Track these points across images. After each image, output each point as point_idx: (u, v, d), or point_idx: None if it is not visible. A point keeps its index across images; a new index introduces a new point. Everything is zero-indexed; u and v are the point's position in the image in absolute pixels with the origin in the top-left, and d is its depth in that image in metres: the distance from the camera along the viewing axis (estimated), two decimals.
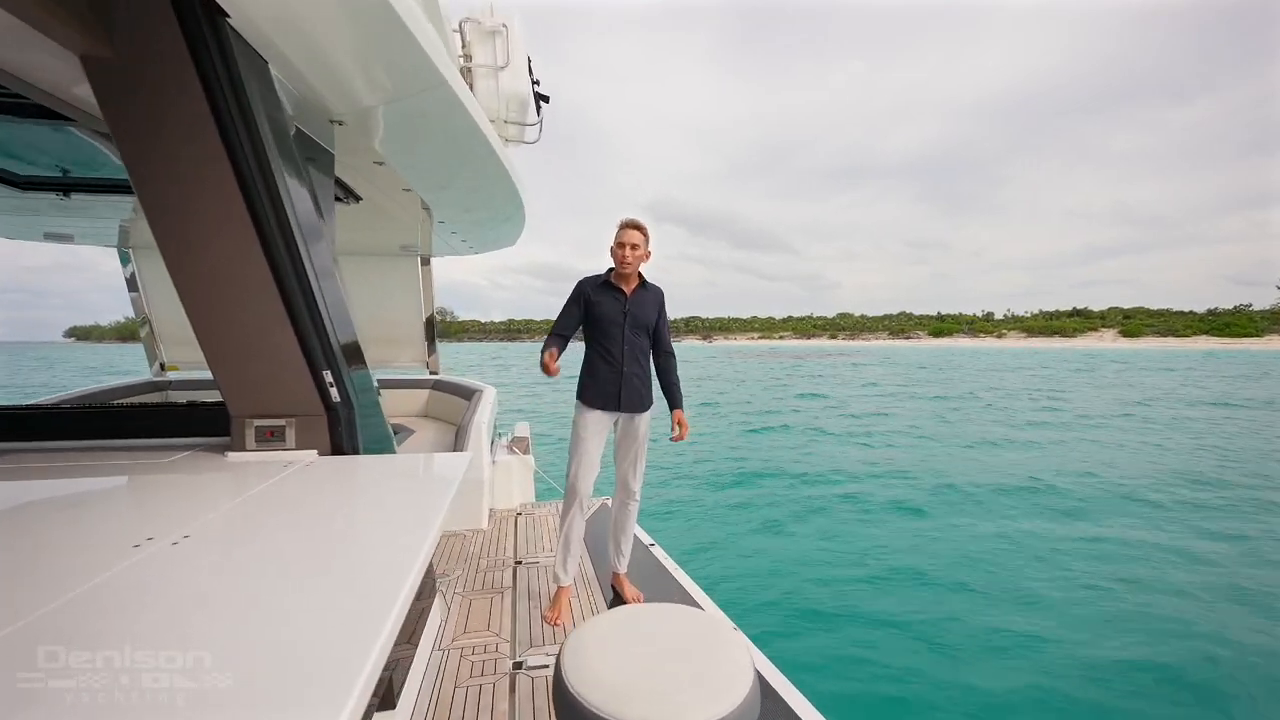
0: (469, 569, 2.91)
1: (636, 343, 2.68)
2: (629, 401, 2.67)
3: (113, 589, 0.84)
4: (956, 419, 18.29)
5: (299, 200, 1.39)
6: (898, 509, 8.27)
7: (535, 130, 3.41)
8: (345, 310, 1.65)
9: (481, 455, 3.56)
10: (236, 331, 1.48)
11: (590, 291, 2.67)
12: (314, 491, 1.34)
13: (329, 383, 1.54)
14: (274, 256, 1.36)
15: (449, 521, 3.45)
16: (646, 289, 2.73)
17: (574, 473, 2.63)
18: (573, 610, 2.56)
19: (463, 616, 2.46)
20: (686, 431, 2.71)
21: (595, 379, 2.64)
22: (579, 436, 2.63)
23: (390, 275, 4.48)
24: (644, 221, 2.64)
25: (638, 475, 2.72)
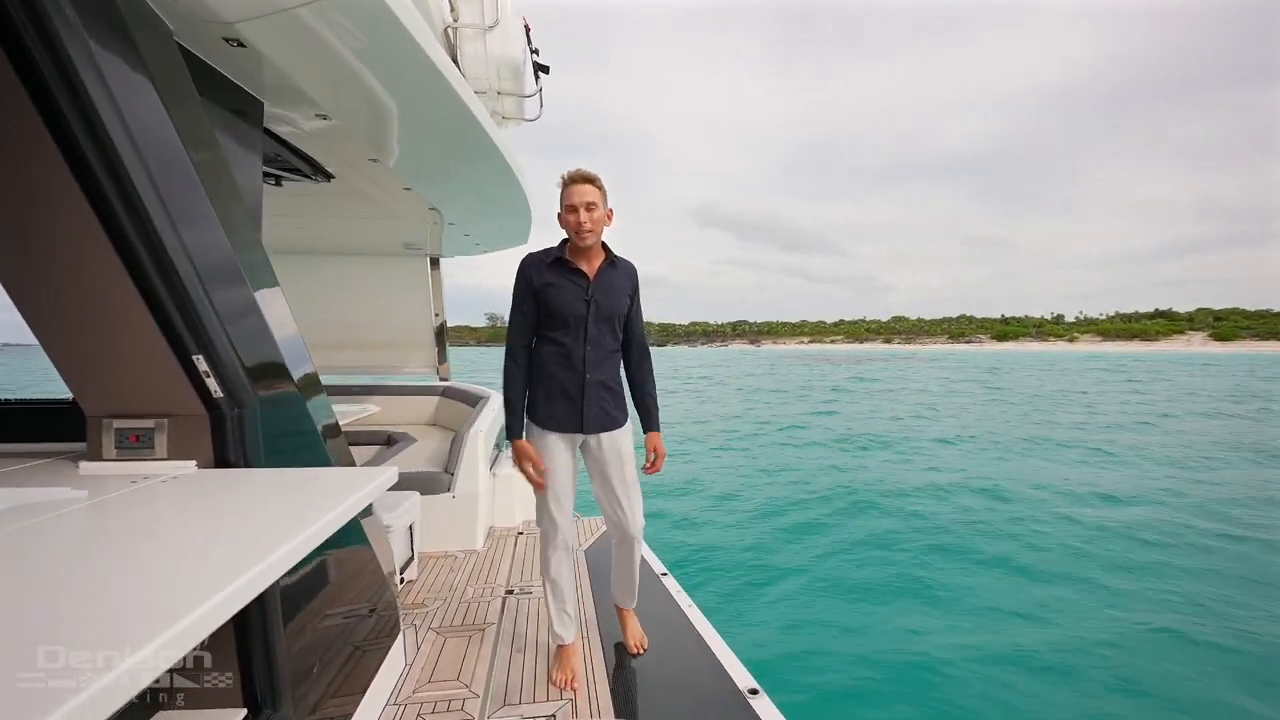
0: (451, 599, 2.57)
1: (603, 340, 2.03)
2: (596, 419, 2.04)
3: None
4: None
5: (146, 135, 1.04)
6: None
7: (535, 104, 3.07)
8: (241, 280, 1.30)
9: (477, 467, 3.24)
10: (70, 304, 1.16)
11: (538, 274, 2.01)
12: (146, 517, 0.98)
13: (204, 371, 1.18)
14: (105, 208, 1.02)
15: (439, 542, 3.14)
16: (615, 266, 2.07)
17: (546, 511, 2.08)
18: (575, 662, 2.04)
19: (431, 660, 2.10)
20: (663, 461, 2.10)
21: (549, 391, 2.01)
22: (545, 470, 2.05)
23: (395, 276, 4.24)
24: (597, 174, 1.95)
25: (633, 511, 2.09)
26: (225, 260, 1.25)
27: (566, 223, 1.98)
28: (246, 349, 1.28)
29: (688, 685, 1.93)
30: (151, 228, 1.06)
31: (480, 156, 2.49)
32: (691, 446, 13.49)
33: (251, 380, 1.29)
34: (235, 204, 1.33)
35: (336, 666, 1.58)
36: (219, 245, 1.23)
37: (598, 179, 1.96)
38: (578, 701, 1.86)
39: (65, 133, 0.95)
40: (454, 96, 1.94)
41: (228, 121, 1.40)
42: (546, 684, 1.96)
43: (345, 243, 3.92)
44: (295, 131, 1.89)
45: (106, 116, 0.96)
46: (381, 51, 1.57)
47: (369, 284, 4.24)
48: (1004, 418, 18.90)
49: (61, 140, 0.96)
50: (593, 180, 1.95)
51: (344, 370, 4.40)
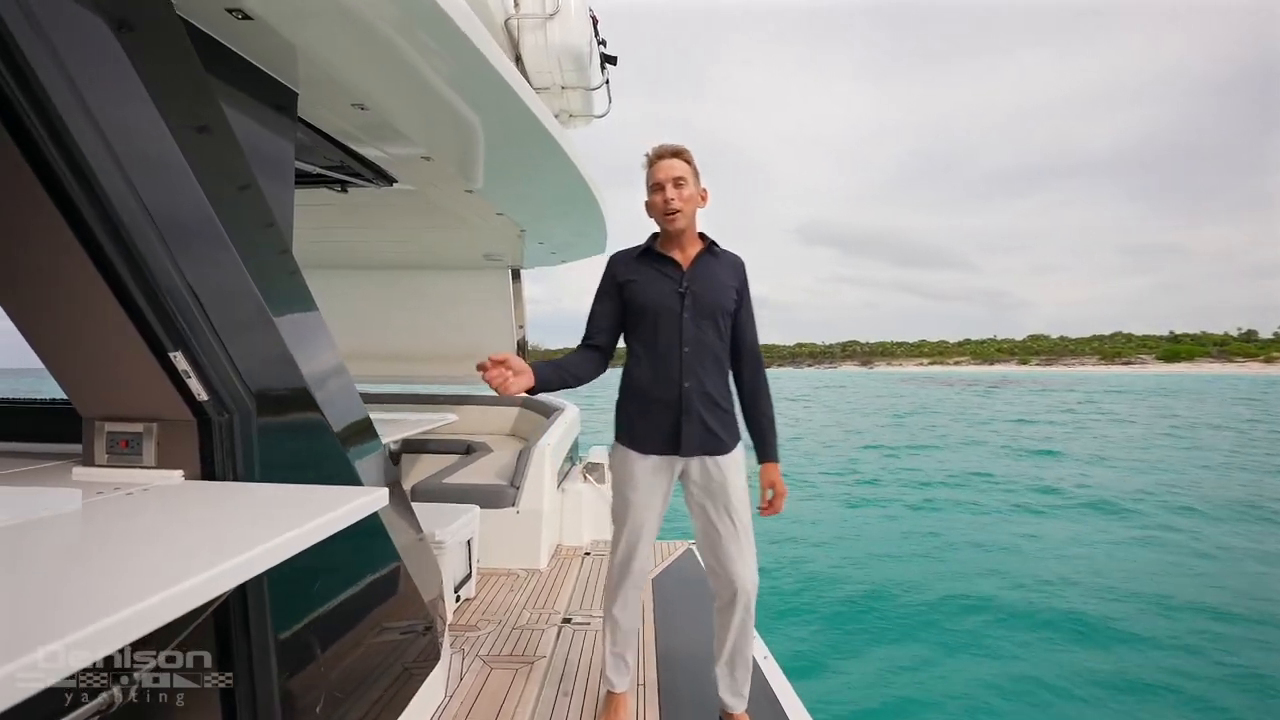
0: (505, 623, 2.39)
1: (704, 340, 1.68)
2: (697, 438, 1.68)
3: None
4: None
5: (114, 122, 0.95)
6: None
7: (603, 99, 2.93)
8: (239, 273, 1.20)
9: (543, 482, 3.09)
10: (49, 300, 1.10)
11: (625, 268, 1.75)
12: (91, 533, 0.86)
13: (183, 370, 1.07)
14: (69, 199, 0.94)
15: (502, 558, 3.00)
16: (716, 255, 1.75)
17: (621, 547, 1.76)
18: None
19: (473, 693, 1.91)
20: (783, 500, 1.72)
21: (640, 405, 1.70)
22: (623, 495, 1.74)
23: (476, 289, 4.32)
24: (686, 147, 1.68)
25: (744, 558, 1.69)
26: (210, 248, 1.14)
27: (653, 205, 1.70)
28: (241, 349, 1.17)
29: None
30: (111, 208, 0.96)
31: (543, 159, 2.37)
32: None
33: (247, 384, 1.17)
34: (237, 193, 1.23)
35: (358, 696, 1.43)
36: (204, 233, 1.13)
37: (686, 151, 1.68)
38: None
39: (20, 126, 0.87)
40: (511, 94, 1.82)
41: (247, 108, 1.34)
42: None
43: (427, 256, 4.05)
44: (345, 129, 1.85)
45: (78, 128, 0.89)
46: (426, 41, 1.46)
47: (452, 296, 4.36)
48: (1193, 462, 14.28)
49: (19, 134, 0.89)
50: (680, 153, 1.68)
51: (427, 381, 4.53)
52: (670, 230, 1.69)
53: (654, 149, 1.70)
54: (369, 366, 4.52)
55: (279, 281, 1.33)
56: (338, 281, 4.40)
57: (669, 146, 1.69)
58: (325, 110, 1.73)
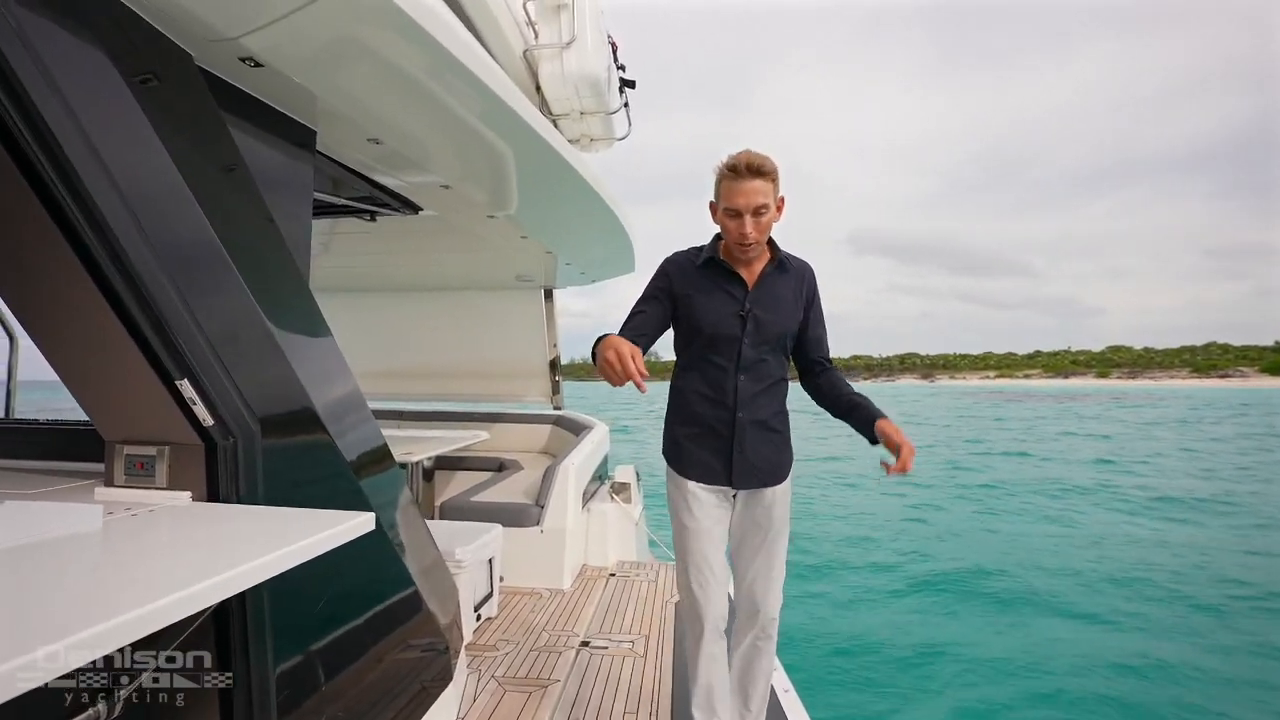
0: (524, 644, 2.39)
1: (764, 368, 1.55)
2: (750, 470, 1.56)
3: None
4: None
5: (121, 162, 1.04)
6: None
7: (622, 122, 2.96)
8: (246, 303, 1.27)
9: (567, 501, 3.09)
10: (68, 328, 1.19)
11: (682, 277, 1.58)
12: (91, 549, 0.92)
13: (189, 398, 1.14)
14: (77, 233, 1.03)
15: (525, 578, 3.01)
16: (784, 270, 1.58)
17: (690, 587, 1.56)
18: None
19: (485, 714, 1.92)
20: (911, 457, 1.45)
21: (689, 430, 1.58)
22: (684, 526, 1.58)
23: (510, 308, 4.43)
24: (769, 158, 1.46)
25: (769, 584, 1.59)
26: (218, 281, 1.21)
27: (726, 229, 1.51)
28: (247, 376, 1.23)
29: None
30: (119, 245, 1.04)
31: (561, 184, 2.43)
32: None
33: (252, 409, 1.23)
34: (247, 225, 1.30)
35: (362, 716, 1.46)
36: (212, 266, 1.20)
37: (771, 167, 1.45)
38: None
39: (33, 170, 0.96)
40: (524, 125, 1.88)
41: (265, 145, 1.43)
42: None
43: (461, 278, 4.20)
44: (365, 162, 1.95)
45: (85, 171, 0.97)
46: (439, 81, 1.53)
47: (486, 315, 4.49)
48: None
49: (32, 178, 0.98)
50: (765, 173, 1.44)
51: (461, 398, 4.66)
52: (741, 259, 1.54)
53: (734, 161, 1.46)
54: (406, 385, 4.69)
55: (290, 310, 1.40)
56: (375, 303, 4.62)
57: (752, 161, 1.44)
58: (345, 146, 1.83)
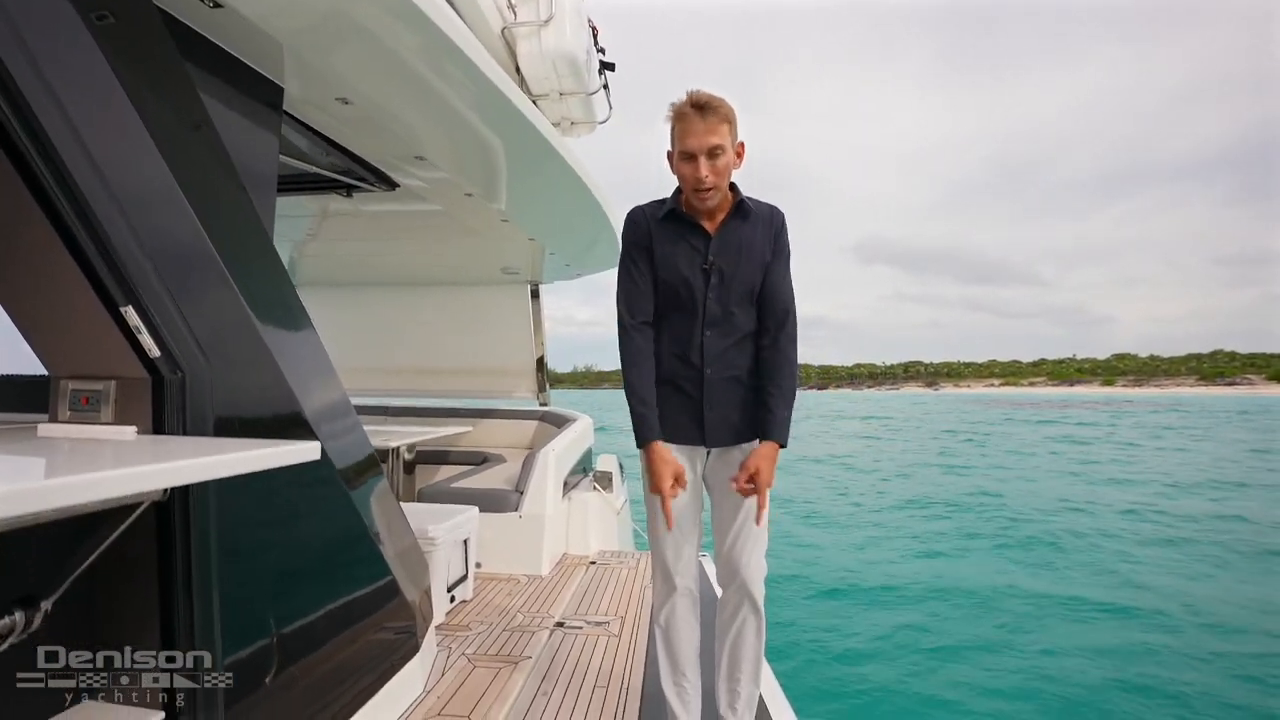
0: (497, 625, 2.36)
1: (729, 322, 1.48)
2: (722, 428, 1.49)
3: None
4: None
5: (74, 94, 1.04)
6: None
7: (603, 105, 2.96)
8: (194, 232, 1.25)
9: (546, 487, 3.07)
10: (10, 260, 1.18)
11: (646, 229, 1.51)
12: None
13: (134, 326, 1.13)
14: (25, 160, 1.02)
15: (503, 564, 2.98)
16: (745, 218, 1.49)
17: (659, 551, 1.54)
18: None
19: (451, 690, 1.89)
20: (765, 491, 1.39)
21: (661, 390, 1.51)
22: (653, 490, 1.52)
23: (496, 305, 4.44)
24: (724, 99, 1.39)
25: (752, 557, 1.50)
26: (170, 214, 1.21)
27: (682, 176, 1.44)
28: (195, 309, 1.22)
29: None
30: (67, 173, 1.04)
31: (539, 161, 2.42)
32: None
33: (200, 344, 1.22)
34: (197, 154, 1.29)
35: (320, 678, 1.43)
36: (159, 193, 1.19)
37: (725, 107, 1.38)
38: None
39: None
40: (499, 95, 1.87)
41: (229, 100, 1.43)
42: None
43: (446, 271, 4.20)
44: (334, 126, 1.95)
45: (18, 72, 0.97)
46: (410, 35, 1.52)
47: (472, 312, 4.48)
48: None
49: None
50: (718, 110, 1.37)
51: (449, 394, 4.65)
52: (700, 207, 1.46)
53: (684, 102, 1.39)
54: (392, 381, 4.68)
55: (245, 248, 1.37)
56: (360, 299, 4.62)
57: (703, 99, 1.37)
58: (313, 107, 1.83)
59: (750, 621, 1.53)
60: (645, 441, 1.43)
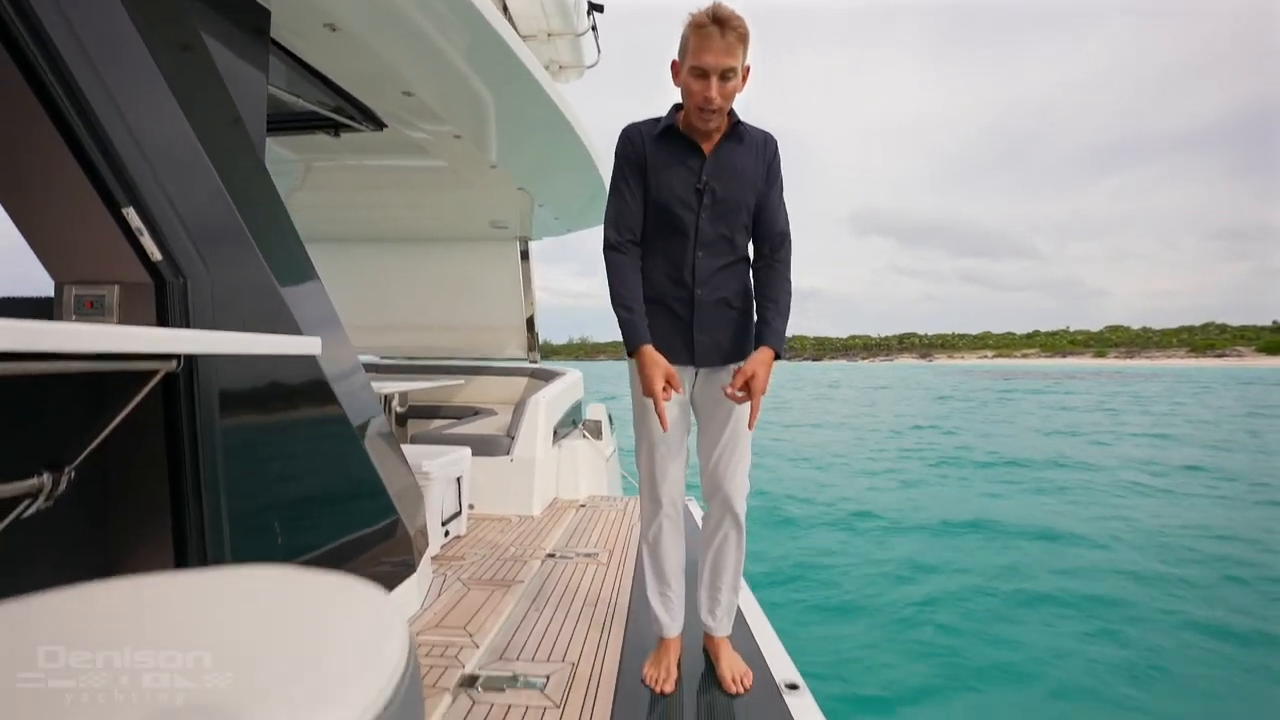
0: (490, 556, 2.47)
1: (721, 244, 1.50)
2: (712, 348, 1.52)
3: None
4: None
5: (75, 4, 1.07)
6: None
7: (591, 48, 2.94)
8: (188, 141, 1.28)
9: (536, 432, 3.16)
10: (17, 164, 1.21)
11: (642, 147, 1.49)
12: None
13: (136, 228, 1.17)
14: (26, 58, 1.05)
15: (496, 505, 3.08)
16: (741, 141, 1.49)
17: (647, 468, 1.60)
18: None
19: (447, 608, 2.00)
20: (759, 392, 1.40)
21: (653, 309, 1.52)
22: (643, 405, 1.54)
23: (486, 262, 4.45)
24: (744, 19, 1.35)
25: (735, 474, 1.55)
26: (167, 123, 1.24)
27: (689, 91, 1.40)
28: (193, 215, 1.26)
29: (711, 671, 1.58)
30: (70, 76, 1.07)
31: (529, 104, 2.42)
32: None
33: (201, 254, 1.26)
34: (193, 73, 1.32)
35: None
36: (155, 98, 1.22)
37: (744, 27, 1.35)
38: (579, 667, 1.62)
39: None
40: (486, 25, 1.87)
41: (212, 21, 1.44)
42: (550, 648, 1.75)
43: (434, 225, 4.18)
44: (320, 58, 1.95)
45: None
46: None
47: (461, 270, 4.49)
48: None
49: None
50: (738, 29, 1.34)
51: (439, 353, 4.70)
52: (701, 127, 1.44)
53: (705, 12, 1.35)
54: (382, 338, 4.73)
55: (236, 163, 1.39)
56: (348, 255, 4.61)
57: (727, 15, 1.33)
58: (300, 36, 1.83)
59: (732, 536, 1.60)
60: (635, 345, 1.45)
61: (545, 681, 1.53)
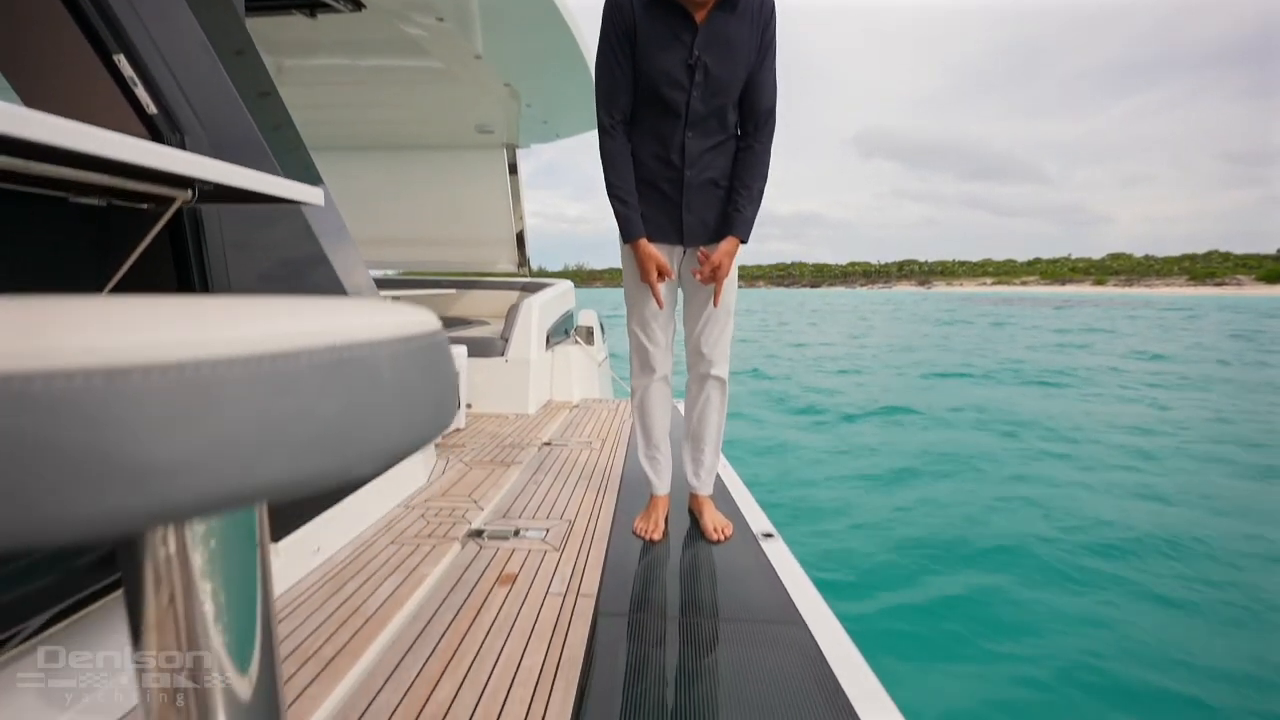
0: (489, 445, 2.63)
1: (712, 123, 1.48)
2: (700, 227, 1.54)
3: None
4: None
5: None
6: None
7: None
8: (186, 10, 1.26)
9: (530, 334, 3.26)
10: (7, 16, 1.20)
11: (631, 14, 1.43)
12: None
13: (130, 79, 1.18)
14: None
15: (492, 404, 3.22)
16: (734, 9, 1.42)
17: (637, 339, 1.66)
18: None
19: (451, 481, 2.16)
20: (723, 277, 1.50)
21: (641, 190, 1.53)
22: (634, 283, 1.61)
23: (472, 170, 4.35)
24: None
25: (718, 342, 1.64)
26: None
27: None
28: (185, 73, 1.26)
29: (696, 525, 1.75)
30: None
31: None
32: None
33: (196, 113, 1.27)
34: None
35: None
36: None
37: None
38: (576, 523, 1.78)
39: None
40: None
41: None
42: (549, 510, 1.92)
43: (418, 129, 4.05)
44: None
45: None
46: None
47: (449, 178, 4.39)
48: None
49: None
50: None
51: (428, 267, 4.70)
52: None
53: None
54: (365, 252, 4.71)
55: (225, 32, 1.38)
56: (329, 163, 4.51)
57: None
58: None
59: (714, 398, 1.68)
60: (631, 238, 1.52)
61: (545, 533, 1.70)
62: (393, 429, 0.24)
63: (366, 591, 1.32)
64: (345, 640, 1.11)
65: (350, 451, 0.22)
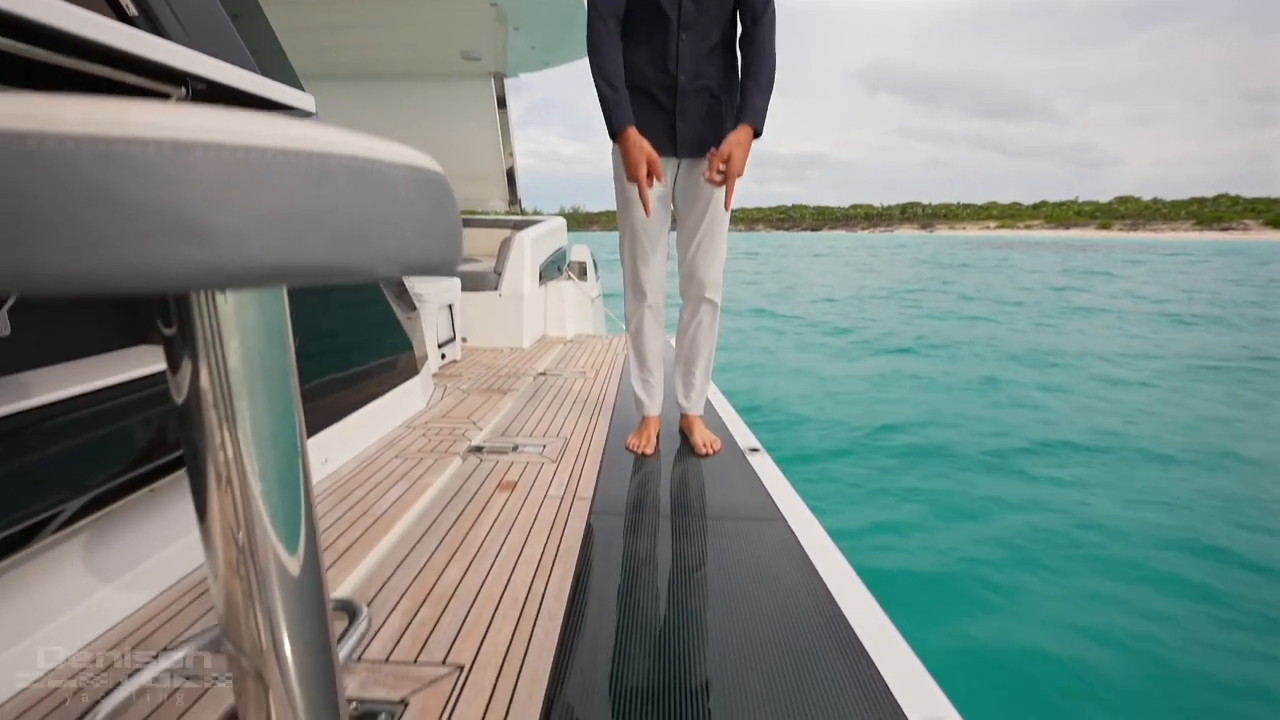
0: (485, 375, 2.70)
1: (706, 26, 1.45)
2: (695, 136, 1.50)
3: None
4: None
5: None
6: None
7: None
8: None
9: (523, 268, 3.28)
10: None
11: None
12: None
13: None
14: None
15: (487, 339, 3.27)
16: None
17: (630, 260, 1.65)
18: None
19: (451, 405, 2.23)
20: (736, 173, 1.40)
21: (634, 96, 1.49)
22: (626, 199, 1.57)
23: (459, 105, 4.20)
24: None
25: (711, 264, 1.61)
26: None
27: None
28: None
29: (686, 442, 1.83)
30: None
31: None
32: None
33: (178, 15, 1.24)
34: None
35: (321, 387, 1.65)
36: None
37: None
38: (572, 440, 1.86)
39: None
40: None
41: None
42: (546, 429, 1.99)
43: (400, 55, 3.88)
44: None
45: None
46: None
47: (434, 110, 4.24)
48: None
49: None
50: None
51: None
52: None
53: None
54: None
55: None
56: (316, 94, 4.35)
57: None
58: None
59: (705, 320, 1.69)
60: (619, 127, 1.42)
61: (543, 448, 1.78)
62: (410, 242, 0.28)
63: (374, 498, 1.40)
64: (356, 536, 1.20)
65: (373, 250, 0.26)
